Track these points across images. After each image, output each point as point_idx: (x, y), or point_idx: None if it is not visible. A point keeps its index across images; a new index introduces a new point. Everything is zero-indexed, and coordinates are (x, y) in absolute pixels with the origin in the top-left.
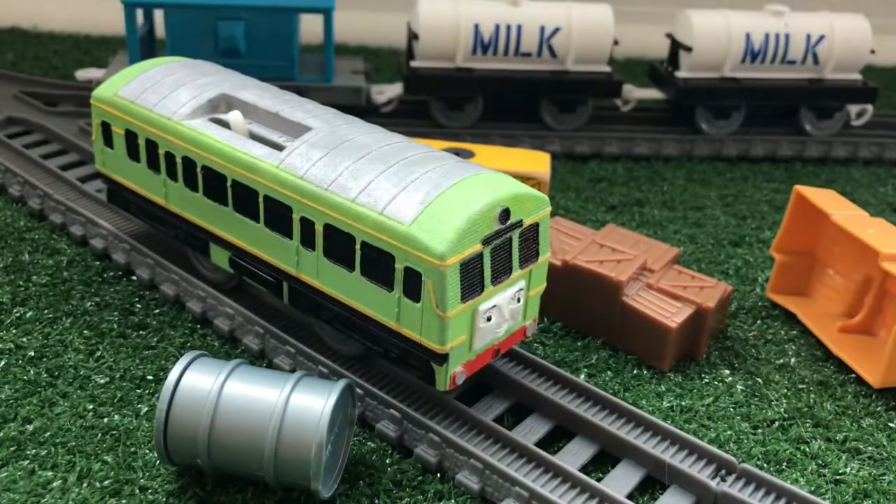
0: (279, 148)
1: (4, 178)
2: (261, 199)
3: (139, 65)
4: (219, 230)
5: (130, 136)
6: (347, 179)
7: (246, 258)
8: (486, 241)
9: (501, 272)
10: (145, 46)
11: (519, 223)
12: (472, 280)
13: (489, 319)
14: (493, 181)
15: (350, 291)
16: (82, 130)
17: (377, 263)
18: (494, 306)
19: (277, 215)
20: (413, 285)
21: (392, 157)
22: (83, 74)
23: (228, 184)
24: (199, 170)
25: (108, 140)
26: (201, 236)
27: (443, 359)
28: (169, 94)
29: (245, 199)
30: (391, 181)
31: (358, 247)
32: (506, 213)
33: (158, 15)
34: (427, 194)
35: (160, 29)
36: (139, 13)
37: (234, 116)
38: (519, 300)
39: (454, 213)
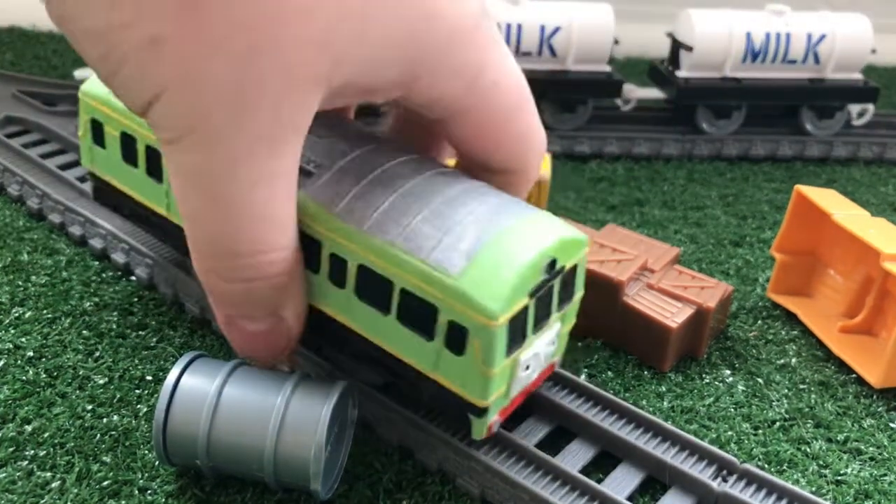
0: (306, 174)
1: (3, 177)
2: None
3: None
4: None
5: (128, 140)
6: (384, 218)
7: None
8: (532, 294)
9: (542, 319)
10: None
11: (561, 269)
12: (517, 333)
13: (527, 368)
14: (538, 225)
15: (383, 333)
16: None
17: (417, 312)
18: (535, 354)
19: (303, 247)
20: (457, 339)
21: (430, 193)
22: (82, 74)
23: None
24: None
25: (98, 139)
26: None
27: (483, 412)
28: None
29: None
30: (433, 224)
31: (396, 293)
32: (553, 264)
33: None
34: (473, 243)
35: None
36: None
37: None
38: (554, 343)
39: (504, 266)
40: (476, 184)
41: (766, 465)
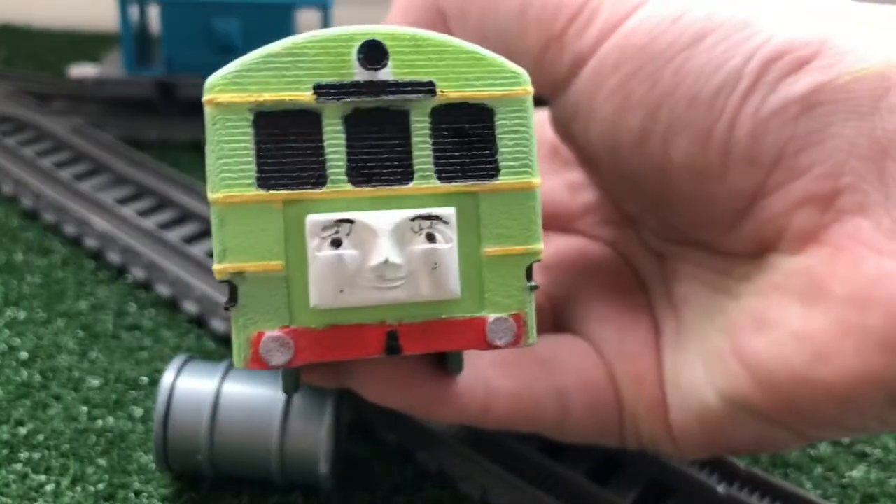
0: None
1: None
2: None
3: None
4: None
5: None
6: None
7: None
8: (323, 92)
9: (378, 168)
10: (139, 43)
11: (428, 87)
12: (288, 154)
13: (337, 246)
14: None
15: None
16: (75, 129)
17: None
18: (352, 222)
19: None
20: None
21: None
22: (77, 72)
23: None
24: None
25: None
26: None
27: (231, 296)
28: None
29: None
30: None
31: None
32: (376, 52)
33: (156, 12)
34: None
35: (155, 25)
36: (134, 9)
37: None
38: (434, 240)
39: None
40: None
41: (771, 468)
